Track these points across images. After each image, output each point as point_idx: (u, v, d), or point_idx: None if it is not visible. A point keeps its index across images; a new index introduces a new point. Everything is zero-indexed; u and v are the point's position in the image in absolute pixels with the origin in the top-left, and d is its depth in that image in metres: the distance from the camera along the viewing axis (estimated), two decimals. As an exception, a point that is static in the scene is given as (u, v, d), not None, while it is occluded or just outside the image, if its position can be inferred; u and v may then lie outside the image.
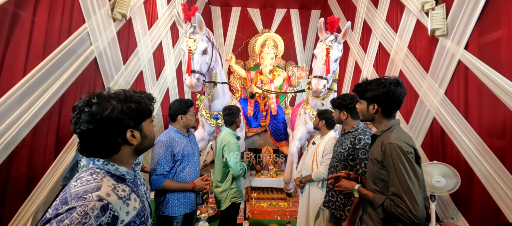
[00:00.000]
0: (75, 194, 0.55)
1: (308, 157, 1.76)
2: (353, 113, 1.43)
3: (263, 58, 3.92)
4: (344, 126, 1.49)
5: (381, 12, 3.03)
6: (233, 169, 1.64)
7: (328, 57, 1.90)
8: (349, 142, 1.37)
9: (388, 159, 0.92)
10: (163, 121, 3.22)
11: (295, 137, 2.39)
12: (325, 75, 1.93)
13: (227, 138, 1.68)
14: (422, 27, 2.33)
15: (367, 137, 1.31)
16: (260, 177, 2.87)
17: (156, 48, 2.98)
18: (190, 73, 1.78)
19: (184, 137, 1.50)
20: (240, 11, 5.08)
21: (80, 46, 1.81)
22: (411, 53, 2.50)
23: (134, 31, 2.49)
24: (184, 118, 1.47)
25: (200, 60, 1.82)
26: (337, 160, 1.42)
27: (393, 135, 0.96)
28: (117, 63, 2.23)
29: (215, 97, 2.21)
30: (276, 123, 3.76)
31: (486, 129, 1.72)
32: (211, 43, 1.97)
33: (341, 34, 1.96)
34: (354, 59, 3.73)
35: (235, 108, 1.77)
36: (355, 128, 1.41)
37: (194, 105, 1.61)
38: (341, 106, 1.47)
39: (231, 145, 1.65)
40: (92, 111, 0.58)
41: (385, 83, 0.99)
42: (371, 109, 1.04)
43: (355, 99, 1.40)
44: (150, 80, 2.83)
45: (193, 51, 1.78)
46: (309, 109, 2.42)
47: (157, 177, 1.35)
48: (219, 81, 2.16)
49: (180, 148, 1.43)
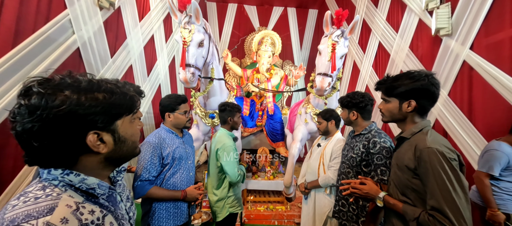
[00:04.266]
0: (10, 221, 0.37)
1: (314, 160, 1.62)
2: (364, 113, 1.30)
3: (260, 56, 3.81)
4: (354, 127, 1.36)
5: (382, 11, 2.99)
6: (230, 175, 1.44)
7: (334, 53, 1.77)
8: (361, 146, 1.23)
9: (425, 166, 0.79)
10: (155, 120, 3.03)
11: (296, 138, 2.24)
12: (330, 73, 1.80)
13: (222, 140, 1.48)
14: (425, 27, 2.29)
15: (383, 140, 1.18)
16: (256, 179, 2.74)
17: (148, 42, 2.79)
18: (185, 67, 1.58)
19: (177, 137, 1.33)
20: (237, 8, 4.96)
21: (60, 34, 1.62)
22: (413, 53, 2.46)
23: (123, 22, 2.30)
24: (172, 116, 1.29)
25: (195, 53, 1.64)
26: (348, 165, 1.29)
27: (430, 138, 0.83)
28: (103, 56, 2.04)
29: (211, 94, 2.02)
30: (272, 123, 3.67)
31: (492, 130, 1.68)
32: (208, 35, 1.81)
33: (348, 29, 1.84)
34: (352, 59, 3.68)
35: (231, 105, 1.57)
36: (367, 130, 1.27)
37: (188, 102, 1.45)
38: (350, 105, 1.32)
39: (226, 147, 1.45)
40: (30, 104, 0.41)
41: (420, 76, 0.87)
42: (405, 107, 0.89)
43: (367, 97, 1.30)
44: (141, 75, 2.64)
45: (188, 43, 1.60)
46: (310, 109, 2.29)
47: (141, 183, 1.17)
48: (216, 77, 1.99)
49: (170, 150, 1.25)
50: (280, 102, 4.44)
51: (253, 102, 4.01)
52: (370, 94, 1.37)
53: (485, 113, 1.75)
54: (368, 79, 3.26)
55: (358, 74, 3.51)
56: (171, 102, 1.28)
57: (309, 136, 2.39)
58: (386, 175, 1.11)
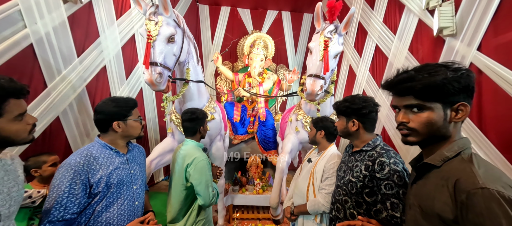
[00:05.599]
0: None
1: (302, 180, 1.33)
2: (367, 122, 1.02)
3: (252, 59, 3.63)
4: (352, 141, 1.07)
5: (378, 13, 2.85)
6: (203, 198, 1.17)
7: (327, 52, 1.53)
8: (364, 167, 0.93)
9: (479, 221, 0.49)
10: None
11: (285, 149, 1.96)
12: (322, 74, 1.55)
13: (193, 153, 1.22)
14: (425, 28, 2.13)
15: (394, 161, 0.88)
16: (244, 193, 2.47)
17: (127, 42, 2.57)
18: (148, 65, 1.32)
19: (118, 155, 1.02)
20: (230, 11, 4.85)
21: (5, 27, 1.39)
22: (413, 55, 2.28)
23: (95, 19, 2.08)
24: (123, 125, 1.01)
25: (163, 50, 1.39)
26: (346, 192, 0.99)
27: (482, 171, 0.53)
28: (67, 54, 1.81)
29: (188, 98, 1.77)
30: (264, 129, 3.46)
31: (506, 140, 1.47)
32: (181, 30, 1.57)
33: (342, 24, 1.60)
34: (348, 63, 3.52)
35: (201, 112, 1.35)
36: (370, 145, 0.99)
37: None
38: (349, 112, 1.03)
39: (199, 163, 1.18)
40: None
41: (459, 70, 0.60)
42: (452, 116, 0.61)
43: (370, 102, 1.02)
44: (117, 78, 2.40)
45: (153, 37, 1.35)
46: (302, 116, 2.04)
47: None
48: (193, 78, 1.74)
49: (103, 174, 0.94)
50: (273, 107, 4.27)
51: (244, 108, 3.80)
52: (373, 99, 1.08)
53: (497, 121, 1.54)
54: (365, 84, 3.07)
55: (354, 79, 3.33)
56: (121, 108, 1.01)
57: (301, 146, 2.13)
58: (398, 211, 0.83)
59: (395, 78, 0.67)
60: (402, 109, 0.67)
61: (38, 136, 1.61)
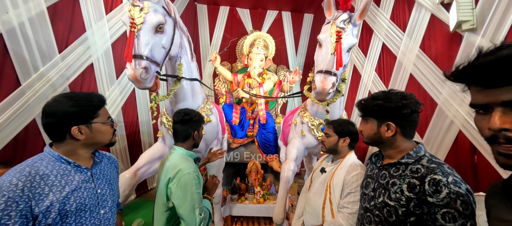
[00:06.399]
0: None
1: (316, 194, 1.09)
2: (407, 126, 0.78)
3: (251, 59, 3.47)
4: (385, 150, 0.84)
5: (385, 10, 2.71)
6: (187, 223, 0.94)
7: (340, 44, 1.32)
8: (406, 187, 0.70)
9: None
10: (126, 131, 2.57)
11: (290, 156, 1.71)
12: (334, 70, 1.34)
13: (177, 164, 0.98)
14: (438, 23, 1.98)
15: (453, 180, 0.64)
16: (243, 202, 2.27)
17: (118, 38, 2.39)
18: (131, 58, 1.11)
19: (79, 171, 0.77)
20: (229, 11, 4.74)
21: (-32, 15, 1.21)
22: (425, 53, 2.13)
23: (81, 12, 1.90)
24: (86, 130, 0.76)
25: (150, 41, 1.18)
26: (380, 219, 0.75)
27: None
28: (46, 49, 1.62)
29: (181, 98, 1.56)
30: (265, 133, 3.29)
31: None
32: (172, 20, 1.38)
33: (357, 13, 1.40)
34: (352, 64, 3.37)
35: (196, 114, 1.13)
36: (411, 156, 0.75)
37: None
38: (383, 113, 0.79)
39: (183, 177, 0.94)
40: None
41: None
42: None
43: (411, 99, 0.78)
44: (107, 77, 2.21)
45: (138, 26, 1.14)
46: (308, 118, 1.81)
47: None
48: (187, 76, 1.54)
49: (56, 199, 0.68)
50: (274, 110, 4.11)
51: (243, 110, 3.63)
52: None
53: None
54: (371, 84, 2.92)
55: (359, 80, 3.18)
56: (82, 107, 0.74)
57: (307, 152, 1.93)
58: None
59: (485, 57, 0.42)
60: (499, 107, 0.43)
61: (9, 141, 1.41)
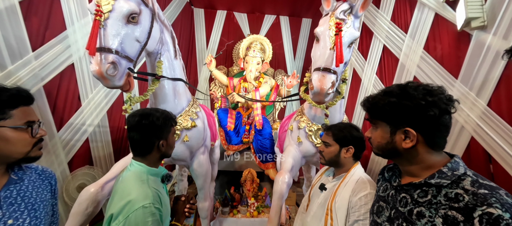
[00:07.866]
0: None
1: (314, 219, 0.89)
2: (435, 133, 0.57)
3: (247, 62, 3.36)
4: (405, 165, 0.63)
5: (385, 11, 2.62)
6: None
7: (340, 37, 1.13)
8: (442, 222, 0.50)
9: None
10: (111, 136, 2.40)
11: (285, 167, 1.51)
12: (334, 67, 1.15)
13: (128, 192, 0.72)
14: (443, 22, 1.87)
15: None
16: (235, 216, 2.07)
17: (105, 39, 2.26)
18: (95, 51, 0.93)
19: None
20: (226, 15, 4.69)
21: None
22: (429, 54, 2.01)
23: (61, 8, 1.78)
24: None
25: (120, 32, 1.01)
26: None
27: None
28: (17, 47, 1.48)
29: (161, 99, 1.36)
30: (261, 139, 3.14)
31: None
32: (149, 10, 1.18)
33: (360, 2, 1.23)
34: (351, 67, 3.25)
35: (161, 116, 0.85)
36: (444, 174, 0.55)
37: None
38: (399, 116, 0.59)
39: (133, 216, 0.67)
40: None
41: None
42: None
43: (440, 95, 0.56)
44: (89, 79, 2.06)
45: (105, 14, 0.96)
46: (305, 123, 1.63)
47: None
48: (167, 74, 1.35)
49: None
50: (271, 115, 3.97)
51: (239, 115, 3.48)
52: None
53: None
54: (372, 88, 2.79)
55: (359, 84, 3.05)
56: None
57: (304, 160, 1.73)
58: None
59: None
60: None
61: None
